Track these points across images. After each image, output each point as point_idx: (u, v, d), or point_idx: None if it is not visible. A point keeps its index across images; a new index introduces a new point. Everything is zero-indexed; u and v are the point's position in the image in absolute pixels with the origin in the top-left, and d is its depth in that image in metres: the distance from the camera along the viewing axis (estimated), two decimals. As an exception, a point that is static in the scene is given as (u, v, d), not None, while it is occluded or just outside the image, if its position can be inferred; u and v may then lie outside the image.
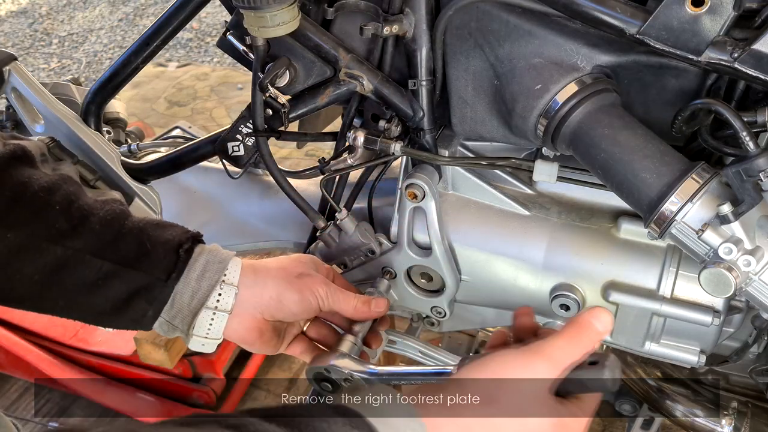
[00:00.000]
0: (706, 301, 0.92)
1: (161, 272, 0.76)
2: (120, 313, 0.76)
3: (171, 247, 0.77)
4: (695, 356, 0.98)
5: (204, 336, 0.79)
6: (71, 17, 4.39)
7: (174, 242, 0.78)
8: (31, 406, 1.83)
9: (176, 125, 1.69)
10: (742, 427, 1.10)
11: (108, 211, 0.78)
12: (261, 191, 1.31)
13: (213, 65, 3.66)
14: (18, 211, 0.74)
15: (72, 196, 0.77)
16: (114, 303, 0.76)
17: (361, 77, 0.98)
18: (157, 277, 0.76)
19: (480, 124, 0.98)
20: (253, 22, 0.87)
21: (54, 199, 0.76)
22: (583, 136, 0.84)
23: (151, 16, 4.29)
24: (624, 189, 0.82)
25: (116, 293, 0.75)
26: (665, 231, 0.79)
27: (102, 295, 0.75)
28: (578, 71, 0.86)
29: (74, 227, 0.75)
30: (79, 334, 1.76)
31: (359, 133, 1.02)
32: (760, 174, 0.72)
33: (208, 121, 3.01)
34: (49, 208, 0.75)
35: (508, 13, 0.87)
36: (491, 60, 0.90)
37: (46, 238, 0.74)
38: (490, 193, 1.04)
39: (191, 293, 0.77)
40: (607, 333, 0.69)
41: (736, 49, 0.74)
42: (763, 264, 0.76)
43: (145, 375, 1.70)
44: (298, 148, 1.94)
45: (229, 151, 1.12)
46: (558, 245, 0.99)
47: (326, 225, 1.08)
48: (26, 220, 0.74)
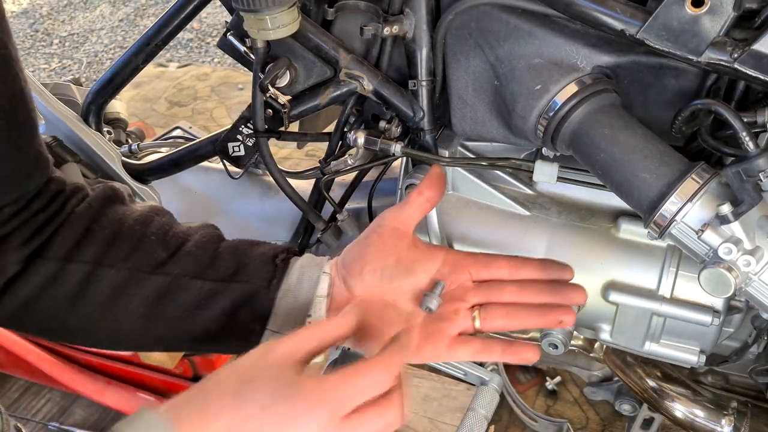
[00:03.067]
0: (706, 301, 0.92)
1: (262, 281, 0.75)
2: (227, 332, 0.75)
3: (268, 258, 0.76)
4: (695, 356, 0.98)
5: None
6: (72, 17, 4.39)
7: (270, 254, 0.77)
8: (31, 406, 1.83)
9: (177, 125, 1.69)
10: (742, 427, 1.10)
11: (203, 235, 0.78)
12: (261, 191, 1.31)
13: (213, 66, 3.66)
14: (117, 248, 0.74)
15: (166, 226, 0.77)
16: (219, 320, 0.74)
17: (361, 77, 0.98)
18: (258, 286, 0.75)
19: (480, 125, 0.98)
20: (252, 24, 0.87)
21: (149, 230, 0.76)
22: (582, 136, 0.85)
23: (151, 17, 4.29)
24: (624, 189, 0.82)
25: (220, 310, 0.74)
26: (665, 231, 0.79)
27: (206, 315, 0.74)
28: (578, 72, 0.86)
29: (171, 254, 0.75)
30: (80, 334, 1.76)
31: (360, 134, 1.02)
32: (760, 174, 0.72)
33: (209, 122, 3.01)
34: (145, 240, 0.75)
35: (508, 14, 0.87)
36: (491, 60, 0.90)
37: (146, 269, 0.74)
38: (490, 193, 1.04)
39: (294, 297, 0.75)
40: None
41: (736, 49, 0.74)
42: (763, 264, 0.76)
43: (145, 375, 1.70)
44: (298, 149, 1.94)
45: (230, 152, 1.12)
46: (558, 245, 1.00)
47: (327, 226, 1.08)
48: (126, 255, 0.74)
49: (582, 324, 1.06)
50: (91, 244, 0.74)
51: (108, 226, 0.75)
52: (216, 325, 0.75)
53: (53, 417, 1.78)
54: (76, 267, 0.73)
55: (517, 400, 1.63)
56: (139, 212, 0.78)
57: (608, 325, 1.01)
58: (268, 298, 0.74)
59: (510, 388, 1.64)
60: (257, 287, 0.75)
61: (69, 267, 0.73)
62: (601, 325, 1.02)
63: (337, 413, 0.57)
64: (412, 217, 0.79)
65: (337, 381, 0.58)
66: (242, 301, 0.74)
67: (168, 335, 0.77)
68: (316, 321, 0.74)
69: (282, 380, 0.58)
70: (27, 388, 1.86)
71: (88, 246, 0.74)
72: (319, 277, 0.76)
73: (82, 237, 0.74)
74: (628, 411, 1.39)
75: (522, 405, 1.62)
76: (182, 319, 0.75)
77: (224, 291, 0.74)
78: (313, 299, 0.75)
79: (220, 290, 0.74)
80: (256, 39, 0.92)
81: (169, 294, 0.74)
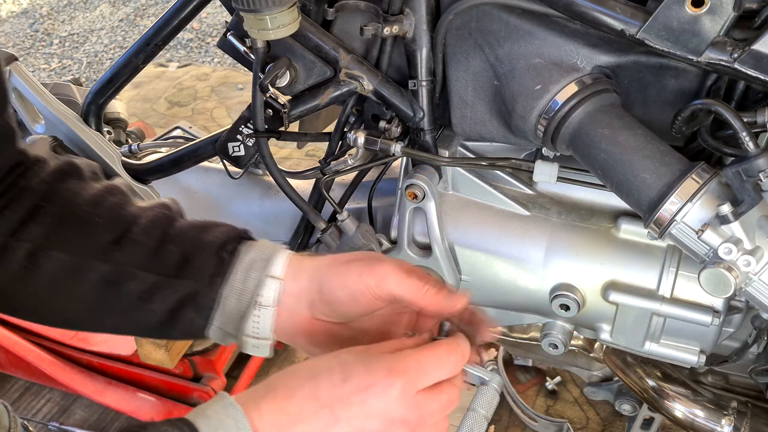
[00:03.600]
0: (706, 301, 0.92)
1: (205, 278, 0.72)
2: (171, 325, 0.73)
3: (213, 251, 0.73)
4: (695, 356, 0.98)
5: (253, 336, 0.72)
6: (72, 17, 4.39)
7: (216, 244, 0.73)
8: (31, 406, 1.83)
9: (177, 125, 1.69)
10: (742, 427, 1.10)
11: (151, 219, 0.75)
12: (261, 191, 1.31)
13: (213, 66, 3.66)
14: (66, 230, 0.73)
15: (116, 207, 0.75)
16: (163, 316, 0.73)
17: (361, 77, 0.98)
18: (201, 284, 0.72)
19: (480, 125, 0.98)
20: (252, 24, 0.87)
21: (99, 212, 0.74)
22: (583, 136, 0.85)
23: (151, 17, 4.29)
24: (624, 189, 0.82)
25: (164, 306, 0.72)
26: (665, 231, 0.79)
27: (150, 309, 0.72)
28: (578, 71, 0.86)
29: (117, 240, 0.73)
30: (80, 334, 1.76)
31: (360, 134, 1.02)
32: (760, 174, 0.73)
33: (209, 122, 3.00)
34: (94, 224, 0.74)
35: (509, 14, 0.87)
36: (491, 60, 0.90)
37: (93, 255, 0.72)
38: (490, 193, 1.04)
39: (237, 296, 0.72)
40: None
41: (736, 49, 0.74)
42: (762, 264, 0.76)
43: (145, 375, 1.70)
44: (298, 149, 1.94)
45: (230, 152, 1.12)
46: (558, 245, 1.00)
47: (327, 226, 1.08)
48: (74, 238, 0.73)
49: (582, 324, 1.06)
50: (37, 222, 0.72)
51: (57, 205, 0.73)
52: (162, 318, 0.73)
53: (53, 417, 1.78)
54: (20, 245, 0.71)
55: (517, 400, 1.63)
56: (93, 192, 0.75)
57: (608, 325, 1.01)
58: (210, 297, 0.72)
59: (510, 388, 1.64)
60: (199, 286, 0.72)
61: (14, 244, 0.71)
62: (601, 325, 1.02)
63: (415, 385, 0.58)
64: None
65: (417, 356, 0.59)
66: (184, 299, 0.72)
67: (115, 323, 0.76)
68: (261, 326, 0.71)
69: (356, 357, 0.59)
70: (27, 388, 1.86)
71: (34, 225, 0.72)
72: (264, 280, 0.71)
73: (29, 214, 0.73)
74: (628, 411, 1.39)
75: (522, 405, 1.62)
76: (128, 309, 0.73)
77: (168, 286, 0.72)
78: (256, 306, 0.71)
79: (163, 285, 0.72)
80: (256, 39, 0.92)
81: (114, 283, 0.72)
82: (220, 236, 0.74)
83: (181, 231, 0.75)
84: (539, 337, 1.08)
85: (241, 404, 0.56)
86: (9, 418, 0.91)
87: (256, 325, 0.71)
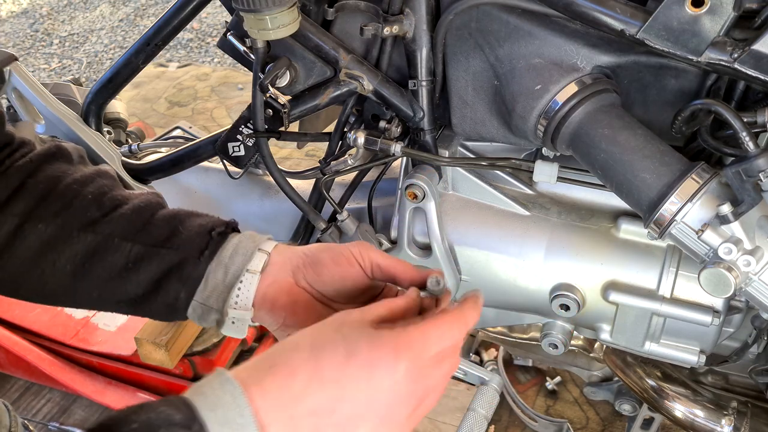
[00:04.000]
0: (706, 301, 0.92)
1: (193, 251, 0.74)
2: (152, 297, 0.74)
3: (204, 230, 0.75)
4: (695, 356, 0.98)
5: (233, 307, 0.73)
6: (72, 17, 4.39)
7: (207, 226, 0.76)
8: (31, 406, 1.83)
9: (177, 125, 1.69)
10: (742, 427, 1.10)
11: (142, 200, 0.76)
12: (261, 191, 1.31)
13: (213, 65, 3.66)
14: (49, 203, 0.74)
15: (105, 188, 0.76)
16: (146, 286, 0.73)
17: (361, 77, 0.98)
18: (189, 255, 0.73)
19: (480, 125, 0.98)
20: (252, 24, 0.87)
21: (86, 190, 0.75)
22: (583, 136, 0.85)
23: (151, 17, 4.29)
24: (624, 189, 0.82)
25: (148, 275, 0.73)
26: (665, 231, 0.79)
27: (134, 279, 0.73)
28: (578, 72, 0.86)
29: (105, 214, 0.74)
30: (80, 334, 1.76)
31: (360, 134, 1.02)
32: (760, 174, 0.73)
33: (209, 122, 3.00)
34: (80, 198, 0.74)
35: (508, 14, 0.87)
36: (491, 60, 0.90)
37: (77, 227, 0.73)
38: (490, 193, 1.04)
39: (224, 270, 0.74)
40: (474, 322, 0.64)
41: (736, 49, 0.74)
42: (762, 264, 0.76)
43: (145, 375, 1.70)
44: (298, 149, 1.94)
45: (230, 152, 1.12)
46: (558, 245, 1.00)
47: (327, 226, 1.08)
48: (57, 211, 0.73)
49: (582, 324, 1.06)
50: (22, 198, 0.73)
51: (43, 182, 0.74)
52: (143, 290, 0.74)
53: (53, 417, 1.78)
54: (3, 219, 0.72)
55: (517, 400, 1.63)
56: (81, 173, 0.77)
57: (608, 325, 1.01)
58: (198, 269, 0.73)
59: (510, 388, 1.64)
60: (187, 256, 0.74)
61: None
62: (601, 325, 1.02)
63: (420, 359, 0.58)
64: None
65: (420, 330, 0.59)
66: (170, 268, 0.73)
67: (95, 295, 0.76)
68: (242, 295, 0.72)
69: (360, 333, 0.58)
70: (27, 388, 1.86)
71: (19, 200, 0.73)
72: (253, 253, 0.74)
73: (14, 191, 0.73)
74: (628, 411, 1.39)
75: (522, 405, 1.62)
76: (109, 280, 0.74)
77: (153, 256, 0.73)
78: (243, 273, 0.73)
79: (149, 255, 0.73)
80: (256, 39, 0.92)
81: (97, 254, 0.73)
82: (210, 221, 0.76)
83: (171, 213, 0.76)
84: (539, 337, 1.08)
85: (241, 381, 0.55)
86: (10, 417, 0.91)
87: (239, 294, 0.73)
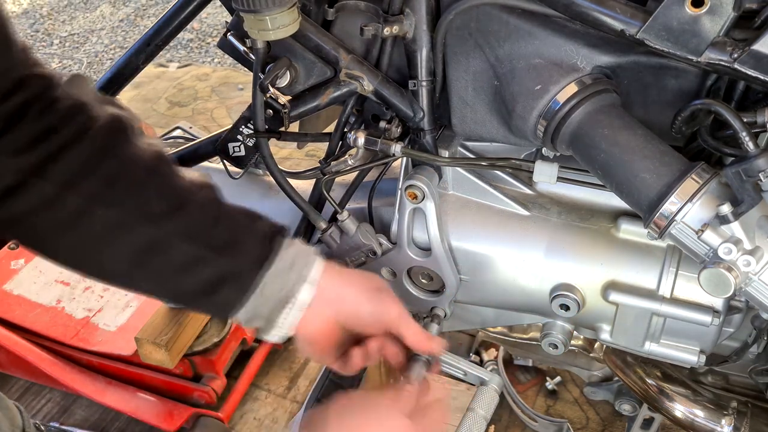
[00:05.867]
0: (706, 301, 0.92)
1: (253, 260, 0.77)
2: (207, 298, 0.77)
3: (263, 237, 0.78)
4: (695, 356, 0.98)
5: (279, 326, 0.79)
6: (72, 18, 4.39)
7: (264, 232, 0.79)
8: (32, 406, 1.83)
9: (177, 125, 1.70)
10: (742, 427, 1.10)
11: (204, 198, 0.78)
12: (261, 191, 1.31)
13: (214, 66, 3.66)
14: (116, 190, 0.75)
15: (168, 178, 0.78)
16: (202, 287, 0.76)
17: (361, 77, 0.98)
18: (247, 265, 0.77)
19: (480, 125, 0.98)
20: (252, 25, 0.87)
21: (154, 181, 0.77)
22: (582, 136, 0.85)
23: (152, 17, 4.29)
24: (624, 189, 0.83)
25: (204, 277, 0.76)
26: (665, 231, 0.79)
27: (190, 279, 0.76)
28: (578, 72, 0.86)
29: (167, 210, 0.75)
30: (80, 334, 1.76)
31: (360, 134, 1.02)
32: (760, 174, 0.73)
33: (209, 122, 3.00)
34: (145, 188, 0.76)
35: (508, 14, 0.87)
36: (491, 60, 0.91)
37: (140, 218, 0.74)
38: (490, 193, 1.04)
39: (281, 284, 0.77)
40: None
41: (736, 49, 0.74)
42: (762, 264, 0.76)
43: (145, 375, 1.70)
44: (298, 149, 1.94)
45: (230, 152, 1.12)
46: (558, 245, 1.00)
47: (328, 226, 1.08)
48: (123, 198, 0.75)
49: (582, 324, 1.06)
50: (90, 180, 0.74)
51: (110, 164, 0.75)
52: (197, 291, 0.76)
53: (53, 417, 1.78)
54: (72, 199, 0.73)
55: (517, 400, 1.63)
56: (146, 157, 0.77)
57: (608, 325, 1.01)
58: (256, 280, 0.76)
59: (510, 388, 1.64)
60: (246, 266, 0.77)
61: (66, 196, 0.73)
62: (601, 325, 1.02)
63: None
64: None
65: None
66: (227, 275, 0.76)
67: (150, 286, 0.79)
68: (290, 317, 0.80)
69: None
70: (27, 388, 1.86)
71: (87, 181, 0.73)
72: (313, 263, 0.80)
73: (82, 169, 0.73)
74: (628, 411, 1.39)
75: (522, 405, 1.62)
76: (165, 274, 0.76)
77: (211, 261, 0.76)
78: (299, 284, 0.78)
79: (206, 259, 0.76)
80: (256, 39, 0.92)
81: (156, 248, 0.75)
82: (267, 227, 0.80)
83: (231, 214, 0.79)
84: (539, 337, 1.08)
85: None
86: (23, 418, 0.92)
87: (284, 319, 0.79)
